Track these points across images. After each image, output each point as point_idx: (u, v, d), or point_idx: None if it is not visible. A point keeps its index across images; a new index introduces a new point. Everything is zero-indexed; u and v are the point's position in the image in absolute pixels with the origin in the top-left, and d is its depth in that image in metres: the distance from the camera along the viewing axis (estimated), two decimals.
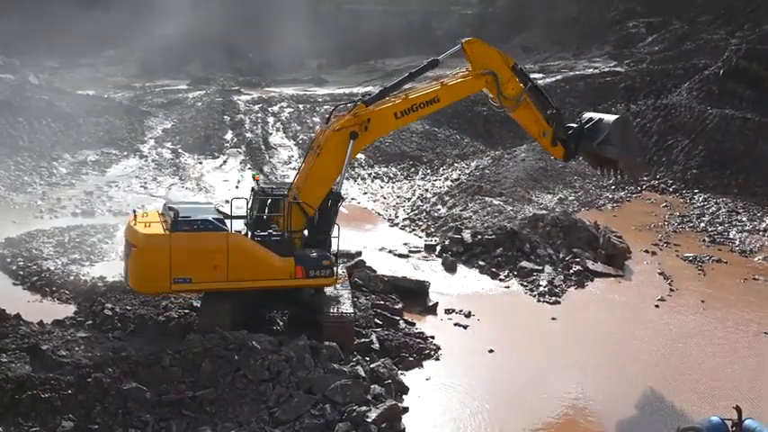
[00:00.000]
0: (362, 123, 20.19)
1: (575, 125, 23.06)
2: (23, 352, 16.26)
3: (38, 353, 16.08)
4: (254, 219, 20.04)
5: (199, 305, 20.70)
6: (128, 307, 21.70)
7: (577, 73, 58.56)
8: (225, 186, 39.68)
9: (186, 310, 20.99)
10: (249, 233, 19.47)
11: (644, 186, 40.99)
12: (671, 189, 40.41)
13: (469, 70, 21.92)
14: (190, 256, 18.09)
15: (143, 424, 15.42)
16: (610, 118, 23.04)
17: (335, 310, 19.58)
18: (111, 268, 25.88)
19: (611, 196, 39.40)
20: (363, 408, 16.49)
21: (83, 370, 15.87)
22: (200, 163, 45.21)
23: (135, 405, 15.71)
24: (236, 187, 39.04)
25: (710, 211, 36.85)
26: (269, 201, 20.24)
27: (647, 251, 30.99)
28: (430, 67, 21.53)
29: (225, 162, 45.61)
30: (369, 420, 16.04)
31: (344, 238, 22.98)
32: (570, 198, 38.68)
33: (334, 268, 19.81)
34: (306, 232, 19.97)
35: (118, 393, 15.73)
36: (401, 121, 20.91)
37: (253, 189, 20.73)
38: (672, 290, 26.80)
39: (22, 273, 25.20)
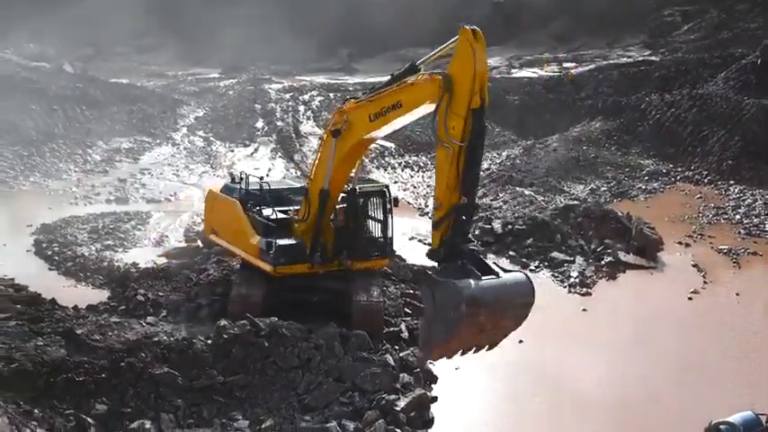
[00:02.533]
0: (346, 121, 18.43)
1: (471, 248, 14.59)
2: (58, 336, 16.52)
3: (72, 337, 16.32)
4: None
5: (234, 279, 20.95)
6: (160, 293, 21.94)
7: (611, 62, 57.83)
8: (256, 174, 39.80)
9: (217, 297, 21.16)
10: None
11: (678, 177, 40.47)
12: (706, 180, 39.83)
13: None
14: (217, 215, 22.58)
15: (174, 408, 15.60)
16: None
17: (365, 299, 19.62)
18: (143, 254, 26.26)
19: (643, 187, 38.95)
20: (392, 396, 16.55)
21: (116, 354, 16.09)
22: (232, 151, 45.50)
23: (167, 390, 15.90)
24: (267, 175, 39.19)
25: (746, 202, 36.25)
26: None
27: (680, 243, 30.59)
28: (409, 72, 16.71)
29: (256, 150, 45.82)
30: (397, 409, 16.08)
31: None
32: (602, 188, 38.31)
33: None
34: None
35: (150, 378, 15.93)
36: (375, 124, 17.43)
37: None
38: (705, 282, 26.43)
39: (57, 258, 25.62)
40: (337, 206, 19.67)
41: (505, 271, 14.70)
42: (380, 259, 20.77)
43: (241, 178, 21.59)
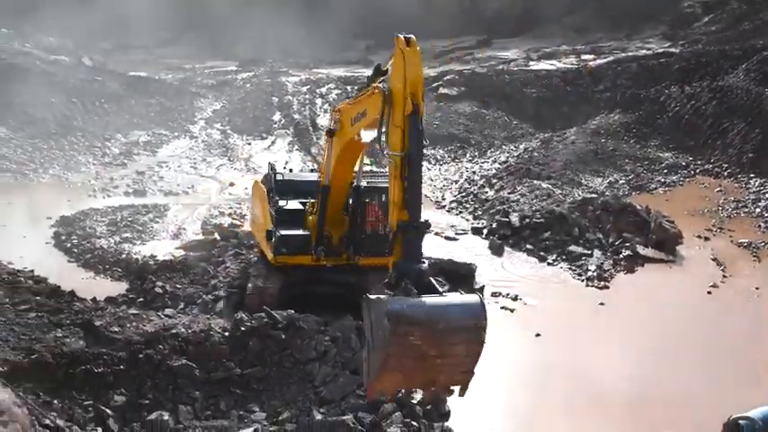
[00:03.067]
0: (337, 122, 18.57)
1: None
2: (77, 327, 16.63)
3: (91, 329, 16.43)
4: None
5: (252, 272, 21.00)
6: (177, 285, 22.08)
7: (630, 54, 57.32)
8: (273, 168, 39.92)
9: (235, 290, 21.23)
10: None
11: (698, 170, 40.12)
12: (725, 173, 39.42)
13: None
14: (253, 206, 23.28)
15: (192, 400, 15.69)
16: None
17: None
18: (161, 247, 26.41)
19: (663, 180, 38.64)
20: None
21: (134, 346, 16.18)
22: (249, 144, 45.59)
23: (184, 381, 15.99)
24: (284, 168, 39.27)
25: (767, 195, 35.89)
26: None
27: (699, 236, 30.34)
28: (376, 74, 15.69)
29: (273, 143, 45.90)
30: (414, 401, 16.06)
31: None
32: (621, 181, 38.03)
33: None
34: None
35: (168, 370, 16.02)
36: (355, 128, 17.19)
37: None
38: (725, 276, 26.22)
39: (76, 250, 25.81)
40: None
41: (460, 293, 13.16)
42: (388, 257, 20.01)
43: (270, 169, 21.80)
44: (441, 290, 12.68)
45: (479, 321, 12.04)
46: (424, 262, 12.99)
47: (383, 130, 13.63)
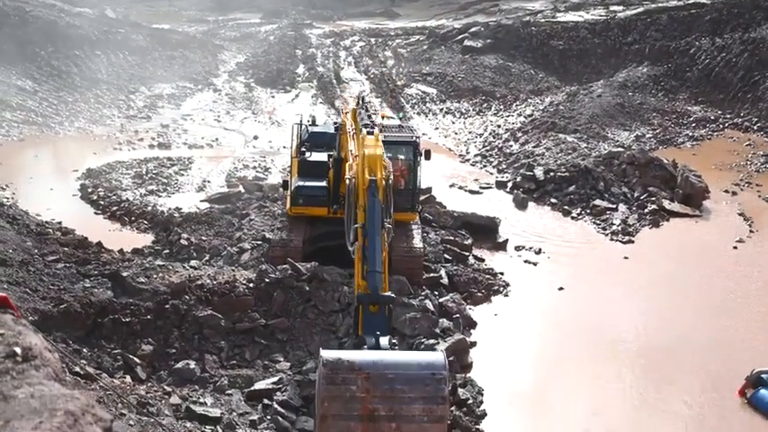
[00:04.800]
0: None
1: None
2: (105, 278, 16.88)
3: (118, 279, 16.65)
4: None
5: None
6: (203, 237, 22.29)
7: (660, 5, 56.14)
8: (296, 121, 39.90)
9: (259, 242, 21.39)
10: None
11: (726, 124, 39.52)
12: (755, 127, 38.80)
13: None
14: None
15: (218, 350, 15.94)
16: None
17: (405, 245, 19.65)
18: (186, 199, 26.57)
19: (690, 134, 38.14)
20: (431, 341, 16.69)
21: (161, 297, 16.41)
22: (273, 97, 45.55)
23: (210, 332, 16.23)
24: (308, 121, 39.23)
25: None
26: None
27: (726, 191, 30.00)
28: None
29: (297, 96, 45.81)
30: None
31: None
32: (648, 135, 37.58)
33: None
34: None
35: (194, 320, 16.26)
36: None
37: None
38: (752, 231, 25.96)
39: (102, 203, 26.05)
40: None
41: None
42: (404, 213, 19.66)
43: (300, 122, 21.77)
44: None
45: (438, 371, 10.17)
46: (388, 337, 11.84)
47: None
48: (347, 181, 14.34)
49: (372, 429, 9.86)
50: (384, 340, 11.58)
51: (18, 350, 4.80)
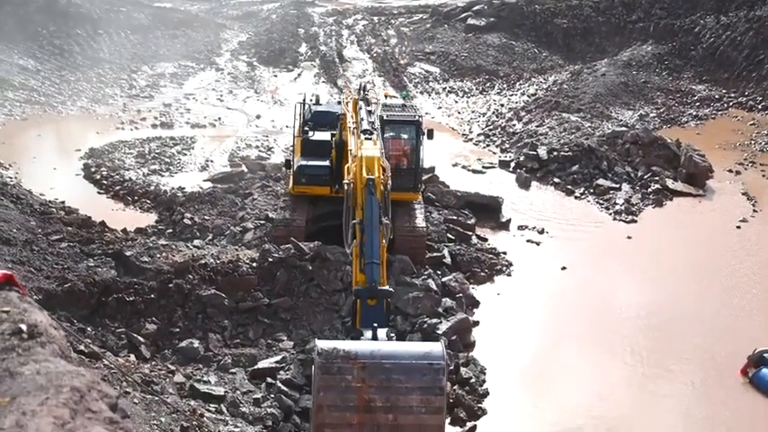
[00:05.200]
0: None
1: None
2: (108, 257, 16.95)
3: (122, 258, 16.71)
4: None
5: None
6: (206, 217, 22.32)
7: None
8: (299, 100, 39.82)
9: (262, 221, 21.42)
10: None
11: (731, 103, 39.34)
12: (759, 106, 38.62)
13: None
14: None
15: (221, 329, 16.01)
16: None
17: (408, 224, 19.65)
18: (189, 179, 26.58)
19: (694, 113, 37.98)
20: (434, 320, 16.75)
21: (164, 276, 16.46)
22: (275, 76, 45.40)
23: (214, 311, 16.29)
24: (311, 101, 39.13)
25: None
26: None
27: (730, 170, 29.92)
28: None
29: (299, 75, 45.65)
30: (439, 332, 16.27)
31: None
32: (651, 115, 37.45)
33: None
34: None
35: (197, 299, 16.32)
36: None
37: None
38: (755, 211, 25.92)
39: (105, 182, 26.08)
40: None
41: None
42: (407, 193, 19.83)
43: (303, 101, 21.69)
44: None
45: (437, 361, 9.92)
46: (386, 330, 11.93)
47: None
48: (345, 186, 14.26)
49: (368, 420, 9.64)
50: (382, 332, 11.54)
51: (24, 327, 4.83)
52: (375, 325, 11.64)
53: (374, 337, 11.37)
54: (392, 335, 12.24)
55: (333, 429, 9.81)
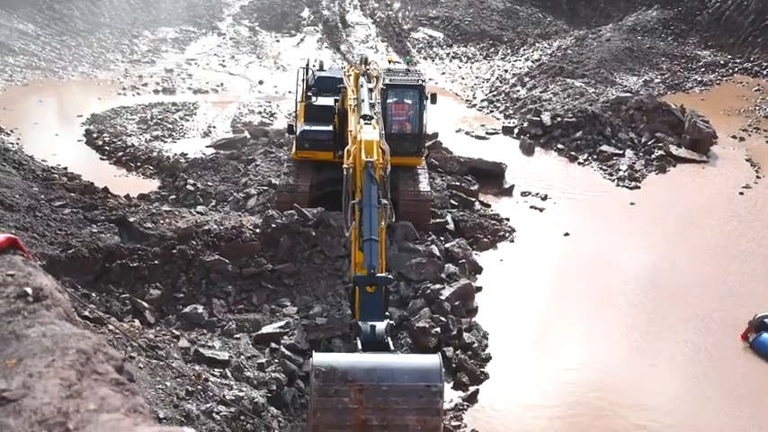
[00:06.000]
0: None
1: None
2: (112, 223, 16.96)
3: (125, 224, 16.73)
4: None
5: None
6: (209, 183, 22.31)
7: None
8: (302, 65, 39.57)
9: (265, 187, 21.40)
10: None
11: (736, 69, 39.04)
12: (765, 72, 38.32)
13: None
14: None
15: (225, 294, 16.08)
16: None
17: (412, 189, 19.62)
18: (192, 145, 26.51)
19: (699, 79, 37.70)
20: (437, 285, 16.80)
21: (168, 242, 16.49)
22: (278, 41, 45.05)
23: (217, 276, 16.35)
24: (314, 66, 38.88)
25: None
26: None
27: (734, 137, 29.79)
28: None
29: (302, 40, 45.30)
30: (442, 298, 16.35)
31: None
32: (656, 80, 37.19)
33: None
34: None
35: (201, 265, 16.37)
36: None
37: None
38: (758, 177, 25.85)
39: (107, 148, 26.03)
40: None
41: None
42: (410, 157, 19.87)
43: (306, 66, 21.55)
44: (395, 351, 11.22)
45: (434, 383, 9.97)
46: (385, 319, 11.81)
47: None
48: (344, 171, 14.16)
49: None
50: (381, 326, 11.41)
51: (29, 290, 4.85)
52: (373, 325, 11.41)
53: (372, 335, 11.21)
54: (392, 323, 12.23)
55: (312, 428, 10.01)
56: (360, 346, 11.02)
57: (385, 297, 12.47)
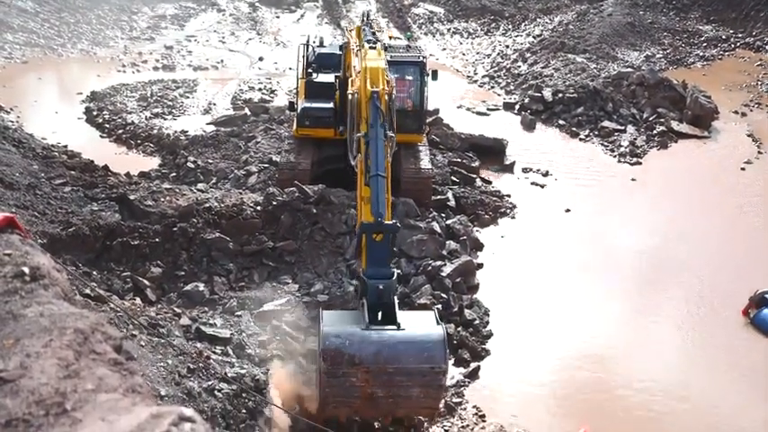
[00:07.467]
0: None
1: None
2: (112, 201, 16.93)
3: (126, 202, 16.69)
4: None
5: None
6: (209, 160, 22.25)
7: None
8: (302, 41, 39.35)
9: (266, 165, 21.35)
10: None
11: (738, 44, 38.79)
12: (767, 47, 38.12)
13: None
14: None
15: (226, 272, 16.08)
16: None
17: (414, 166, 19.56)
18: (192, 122, 26.44)
19: (701, 54, 37.51)
20: (438, 262, 16.80)
21: (169, 220, 16.46)
22: (278, 17, 44.83)
23: (218, 254, 16.34)
24: (314, 42, 38.66)
25: None
26: None
27: (736, 112, 29.68)
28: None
29: (302, 16, 45.07)
30: (443, 274, 16.35)
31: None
32: (658, 56, 37.01)
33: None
34: None
35: (202, 243, 16.35)
36: None
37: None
38: (760, 152, 25.78)
39: (107, 126, 25.97)
40: None
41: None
42: (411, 134, 19.47)
43: (306, 42, 21.40)
44: (399, 318, 10.99)
45: (438, 365, 10.35)
46: (391, 271, 11.72)
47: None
48: (349, 96, 14.02)
49: (371, 404, 10.57)
50: (388, 284, 11.33)
51: (26, 270, 4.83)
52: (380, 286, 11.30)
53: (378, 297, 11.19)
54: (399, 271, 12.40)
55: (338, 409, 10.81)
56: (366, 310, 10.97)
57: (392, 243, 12.47)
